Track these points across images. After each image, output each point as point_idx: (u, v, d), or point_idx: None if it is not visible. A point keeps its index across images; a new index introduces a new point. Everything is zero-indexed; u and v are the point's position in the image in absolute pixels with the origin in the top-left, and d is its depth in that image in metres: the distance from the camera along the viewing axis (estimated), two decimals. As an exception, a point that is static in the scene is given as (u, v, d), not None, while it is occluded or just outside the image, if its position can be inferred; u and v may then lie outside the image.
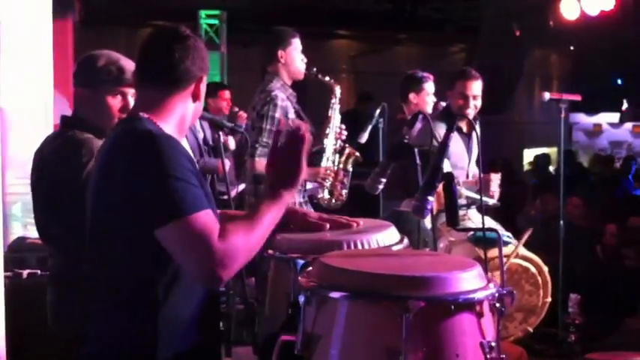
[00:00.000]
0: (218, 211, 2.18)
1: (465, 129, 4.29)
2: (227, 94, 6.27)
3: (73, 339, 2.42)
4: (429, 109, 4.82)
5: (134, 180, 1.85)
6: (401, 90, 4.97)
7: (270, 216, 1.91)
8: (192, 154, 2.02)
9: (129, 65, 2.55)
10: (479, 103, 4.37)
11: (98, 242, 1.97)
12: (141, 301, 1.91)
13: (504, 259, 2.22)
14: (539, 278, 3.38)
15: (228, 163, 4.98)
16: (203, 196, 1.86)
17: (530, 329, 3.49)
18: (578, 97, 5.06)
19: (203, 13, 9.54)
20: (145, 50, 2.03)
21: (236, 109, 6.07)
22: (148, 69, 2.03)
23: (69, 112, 2.82)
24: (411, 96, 4.88)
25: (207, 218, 1.82)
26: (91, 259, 2.00)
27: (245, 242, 1.84)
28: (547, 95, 4.75)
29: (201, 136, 5.46)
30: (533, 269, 3.36)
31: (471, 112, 4.29)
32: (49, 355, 2.75)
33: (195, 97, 2.05)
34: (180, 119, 2.04)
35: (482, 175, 2.50)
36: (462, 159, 4.31)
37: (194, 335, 1.95)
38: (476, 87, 4.38)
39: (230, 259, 1.79)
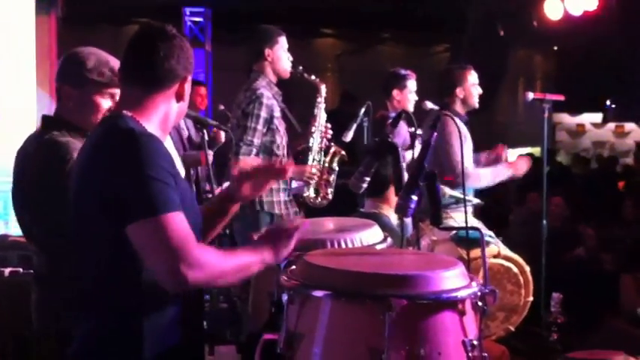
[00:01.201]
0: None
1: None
2: (203, 90, 6.29)
3: (57, 338, 2.41)
4: (411, 107, 4.84)
5: (113, 178, 1.84)
6: (384, 86, 5.01)
7: (247, 260, 1.93)
8: (176, 153, 2.03)
9: (117, 65, 2.53)
10: None
11: (81, 241, 1.96)
12: (125, 301, 1.90)
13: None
14: (520, 278, 3.40)
15: (211, 154, 4.94)
16: (177, 199, 1.85)
17: (512, 328, 3.51)
18: (561, 97, 5.09)
19: (187, 10, 9.51)
20: (131, 48, 2.02)
21: (221, 107, 6.06)
22: (132, 67, 2.03)
23: (51, 110, 2.79)
24: (395, 92, 4.92)
25: (178, 219, 1.81)
26: (75, 258, 2.00)
27: (217, 262, 1.84)
28: (530, 95, 4.77)
29: (185, 134, 5.44)
30: (515, 269, 3.38)
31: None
32: (32, 354, 2.73)
33: (179, 97, 2.04)
34: (164, 118, 2.03)
35: (464, 171, 2.49)
36: None
37: (178, 334, 1.95)
38: None
39: (199, 268, 1.78)
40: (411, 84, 4.96)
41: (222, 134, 5.72)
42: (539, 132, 4.86)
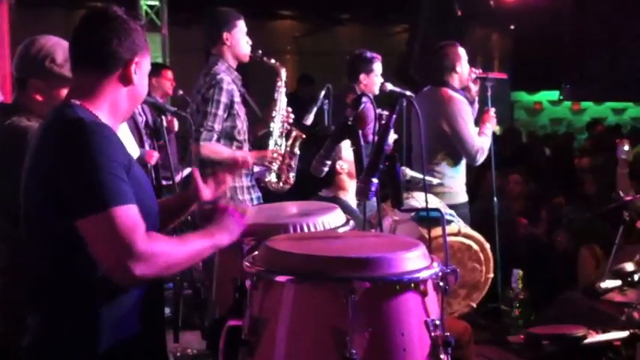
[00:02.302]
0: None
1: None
2: (169, 74, 6.19)
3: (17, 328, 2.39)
4: (377, 90, 4.85)
5: (60, 170, 1.81)
6: (350, 70, 4.97)
7: (200, 245, 1.92)
8: (132, 139, 2.00)
9: None
10: None
11: (32, 232, 1.94)
12: (78, 291, 1.88)
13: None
14: (481, 255, 3.44)
15: (156, 155, 4.90)
16: (128, 191, 1.82)
17: (474, 305, 3.56)
18: (504, 76, 5.18)
19: (144, -7, 9.35)
20: (74, 33, 1.98)
21: (180, 92, 5.99)
22: (77, 53, 1.98)
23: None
24: (362, 77, 4.90)
25: (130, 213, 1.78)
26: (27, 248, 1.97)
27: (167, 252, 1.82)
28: (474, 74, 4.77)
29: (142, 119, 5.37)
30: (475, 246, 3.42)
31: None
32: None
33: (126, 81, 1.97)
34: (112, 105, 1.98)
35: (424, 149, 2.52)
36: None
37: (135, 324, 1.93)
38: None
39: (148, 260, 1.76)
40: (377, 67, 4.94)
41: (176, 122, 5.68)
42: (497, 111, 4.90)
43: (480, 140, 4.52)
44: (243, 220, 2.03)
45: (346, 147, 3.38)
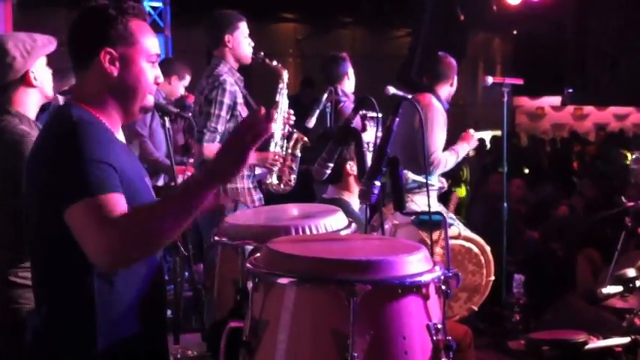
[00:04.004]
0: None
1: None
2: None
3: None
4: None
5: (50, 168, 1.82)
6: (333, 71, 5.03)
7: (186, 193, 1.79)
8: (125, 146, 1.98)
9: None
10: None
11: (31, 231, 1.94)
12: (77, 289, 1.88)
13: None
14: (482, 258, 3.44)
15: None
16: (115, 178, 1.79)
17: (475, 308, 3.56)
18: (520, 81, 5.16)
19: (146, -5, 9.37)
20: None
21: (184, 93, 5.99)
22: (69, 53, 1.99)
23: None
24: (347, 76, 5.01)
25: (113, 201, 1.75)
26: (29, 248, 1.97)
27: (144, 217, 1.74)
28: (490, 79, 4.84)
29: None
30: (475, 249, 3.42)
31: None
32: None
33: (104, 74, 1.91)
34: (103, 100, 1.94)
35: (427, 154, 2.52)
36: None
37: (135, 323, 1.93)
38: None
39: (124, 232, 1.70)
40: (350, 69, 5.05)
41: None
42: (498, 115, 4.92)
43: (443, 155, 4.45)
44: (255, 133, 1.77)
45: None
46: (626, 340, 3.81)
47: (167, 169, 4.99)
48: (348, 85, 5.05)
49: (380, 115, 2.87)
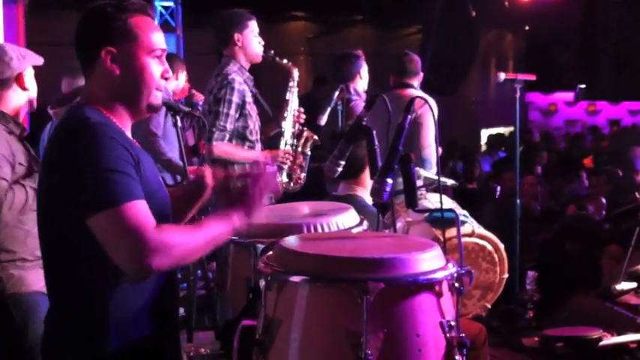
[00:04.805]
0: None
1: None
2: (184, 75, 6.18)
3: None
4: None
5: (67, 169, 1.81)
6: (345, 70, 5.02)
7: (215, 230, 1.86)
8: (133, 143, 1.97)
9: None
10: None
11: (45, 232, 1.94)
12: (90, 290, 1.88)
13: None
14: (495, 255, 3.42)
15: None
16: (137, 185, 1.80)
17: (489, 305, 3.54)
18: (532, 77, 5.13)
19: (158, -5, 9.38)
20: None
21: (194, 92, 6.00)
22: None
23: None
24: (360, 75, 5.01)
25: (139, 208, 1.76)
26: (41, 246, 1.98)
27: (180, 242, 1.79)
28: (502, 75, 4.83)
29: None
30: (489, 247, 3.40)
31: None
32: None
33: (106, 73, 1.90)
34: (111, 100, 1.94)
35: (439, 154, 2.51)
36: None
37: (148, 322, 1.92)
38: None
39: (161, 253, 1.73)
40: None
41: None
42: (511, 111, 4.89)
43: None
44: (264, 190, 1.94)
45: None
46: (640, 336, 3.79)
47: (180, 170, 5.00)
48: (361, 83, 5.04)
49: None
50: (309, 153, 4.34)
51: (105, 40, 1.90)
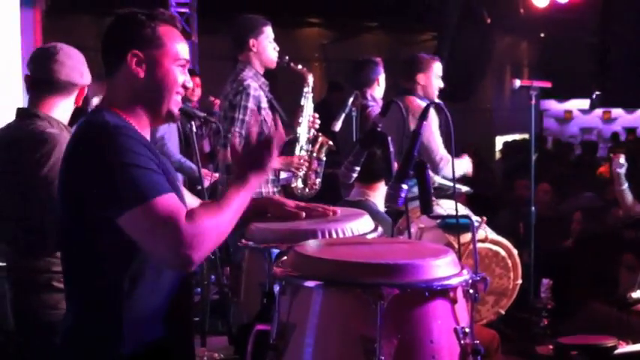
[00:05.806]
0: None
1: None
2: (197, 80, 6.22)
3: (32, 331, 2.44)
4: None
5: (89, 173, 1.83)
6: (363, 76, 5.00)
7: (239, 200, 1.90)
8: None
9: None
10: None
11: (65, 237, 1.96)
12: (106, 293, 1.89)
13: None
14: (509, 261, 3.41)
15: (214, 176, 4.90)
16: (164, 180, 1.83)
17: (502, 312, 3.53)
18: (548, 84, 5.12)
19: (173, 1, 9.44)
20: None
21: (211, 98, 6.04)
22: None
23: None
24: (378, 81, 4.98)
25: (170, 201, 1.79)
26: (61, 251, 2.00)
27: (213, 224, 1.81)
28: (517, 82, 4.81)
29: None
30: (502, 252, 3.39)
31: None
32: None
33: (130, 77, 1.95)
34: (131, 104, 1.97)
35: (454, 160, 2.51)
36: None
37: (162, 327, 1.94)
38: None
39: (199, 241, 1.76)
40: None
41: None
42: (526, 119, 4.88)
43: (445, 152, 4.42)
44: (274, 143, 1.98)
45: None
46: (656, 345, 3.76)
47: (190, 171, 5.02)
48: (378, 90, 5.01)
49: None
50: (324, 158, 4.35)
51: (132, 43, 1.95)
